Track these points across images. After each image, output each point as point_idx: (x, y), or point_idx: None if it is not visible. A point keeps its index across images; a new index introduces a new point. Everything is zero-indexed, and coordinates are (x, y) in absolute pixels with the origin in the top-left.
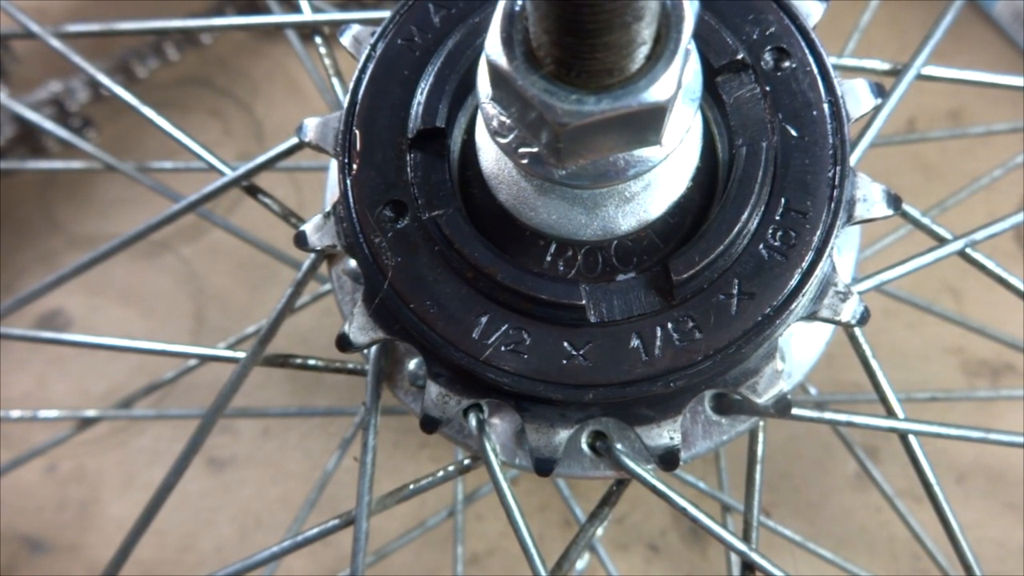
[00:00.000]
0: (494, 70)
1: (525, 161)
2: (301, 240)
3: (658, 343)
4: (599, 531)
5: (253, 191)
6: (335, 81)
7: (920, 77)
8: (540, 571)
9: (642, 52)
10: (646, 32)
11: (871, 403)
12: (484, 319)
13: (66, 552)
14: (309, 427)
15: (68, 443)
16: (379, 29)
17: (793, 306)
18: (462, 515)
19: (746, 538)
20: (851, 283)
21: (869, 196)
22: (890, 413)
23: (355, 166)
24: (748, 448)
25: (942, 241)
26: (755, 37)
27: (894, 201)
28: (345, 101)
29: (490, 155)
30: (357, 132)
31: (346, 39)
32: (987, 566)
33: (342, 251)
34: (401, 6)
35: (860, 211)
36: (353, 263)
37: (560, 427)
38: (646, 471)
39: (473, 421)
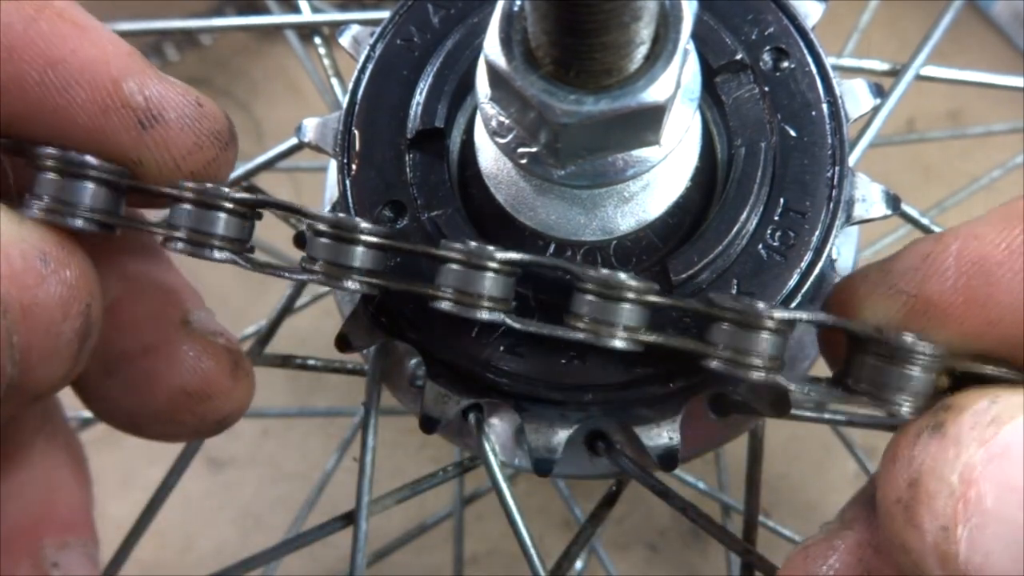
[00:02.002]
0: (493, 70)
1: (524, 161)
2: (301, 240)
3: None
4: (598, 531)
5: (253, 191)
6: (334, 81)
7: (919, 77)
8: (540, 571)
9: (641, 52)
10: (644, 32)
11: None
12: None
13: None
14: (309, 427)
15: None
16: (378, 30)
17: (792, 306)
18: (462, 515)
19: (746, 538)
20: None
21: (868, 196)
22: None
23: (354, 166)
24: (748, 448)
25: None
26: (754, 37)
27: (893, 201)
28: (344, 101)
29: (489, 155)
30: (356, 132)
31: (345, 40)
32: None
33: None
34: (400, 6)
35: (859, 211)
36: None
37: (559, 427)
38: (646, 471)
39: (473, 421)
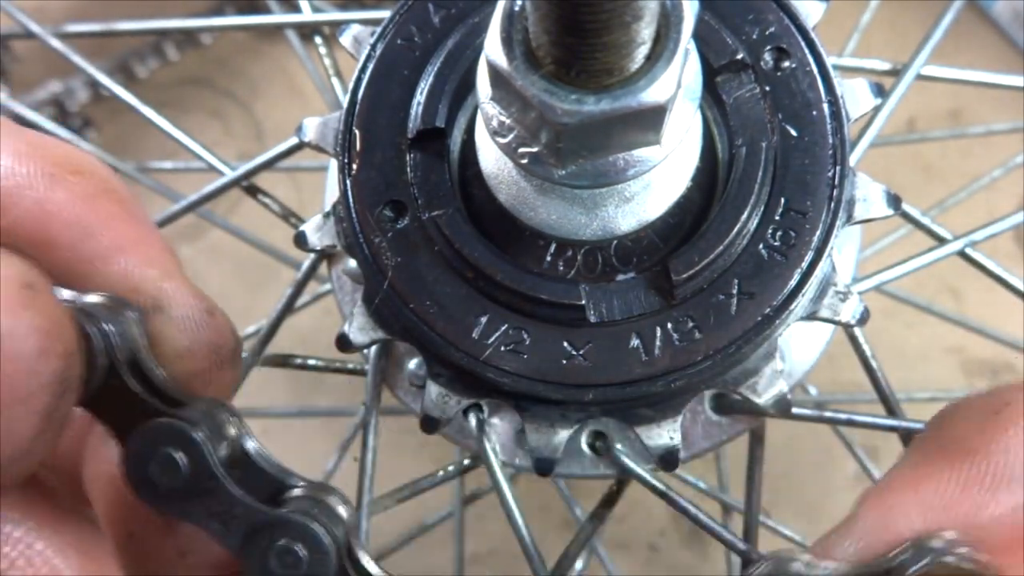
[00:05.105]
0: (494, 70)
1: (525, 161)
2: (301, 240)
3: (658, 343)
4: (599, 531)
5: (253, 191)
6: (335, 81)
7: (920, 77)
8: (540, 571)
9: (642, 52)
10: (646, 32)
11: (871, 403)
12: (484, 319)
13: None
14: (309, 427)
15: None
16: (379, 29)
17: (793, 306)
18: (462, 515)
19: (746, 538)
20: (851, 283)
21: (869, 196)
22: (890, 413)
23: (355, 166)
24: (748, 448)
25: (942, 241)
26: (755, 37)
27: (894, 201)
28: (345, 101)
29: (490, 155)
30: (357, 132)
31: (346, 39)
32: None
33: (342, 251)
34: (401, 6)
35: (860, 211)
36: (353, 263)
37: (560, 427)
38: (646, 471)
39: (473, 421)
